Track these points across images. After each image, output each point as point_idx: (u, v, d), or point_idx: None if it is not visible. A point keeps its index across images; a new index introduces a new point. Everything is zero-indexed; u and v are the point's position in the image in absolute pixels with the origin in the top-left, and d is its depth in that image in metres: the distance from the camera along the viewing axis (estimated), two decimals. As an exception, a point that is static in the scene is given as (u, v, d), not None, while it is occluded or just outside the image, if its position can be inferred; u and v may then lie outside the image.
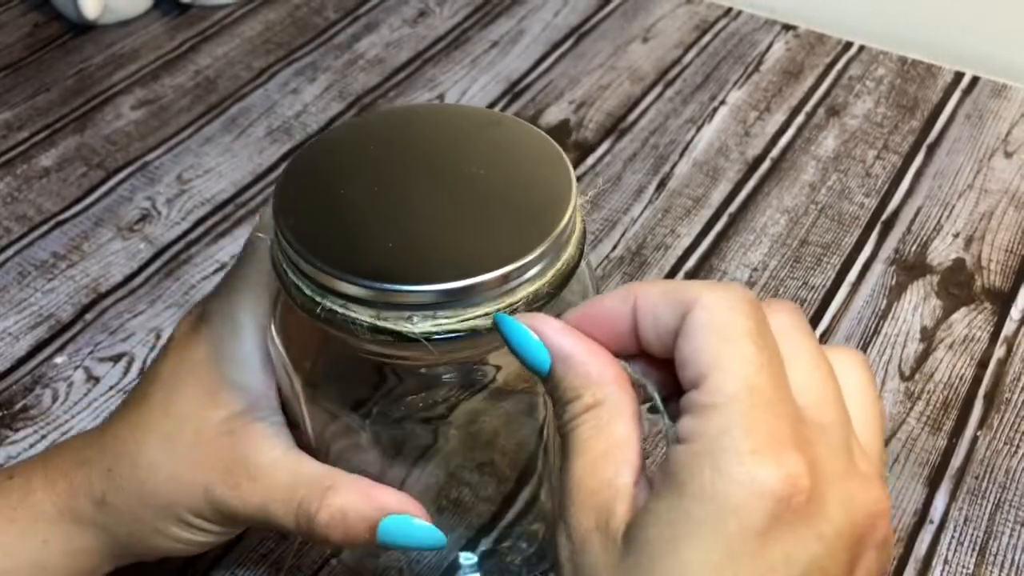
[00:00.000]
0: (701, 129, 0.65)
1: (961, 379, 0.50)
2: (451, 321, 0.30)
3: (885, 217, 0.59)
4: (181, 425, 0.36)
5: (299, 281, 0.31)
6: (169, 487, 0.36)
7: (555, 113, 0.66)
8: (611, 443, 0.28)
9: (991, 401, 0.50)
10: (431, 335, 0.30)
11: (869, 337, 0.52)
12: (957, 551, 0.44)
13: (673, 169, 0.62)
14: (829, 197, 0.60)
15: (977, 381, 0.50)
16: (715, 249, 0.57)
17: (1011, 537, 0.44)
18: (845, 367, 0.29)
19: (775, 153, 0.63)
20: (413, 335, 0.30)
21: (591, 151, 0.64)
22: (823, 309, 0.54)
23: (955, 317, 0.53)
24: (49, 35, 0.74)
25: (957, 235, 0.58)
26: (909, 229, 0.58)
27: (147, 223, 0.60)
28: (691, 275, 0.56)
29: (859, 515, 0.27)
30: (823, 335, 0.53)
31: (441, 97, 0.68)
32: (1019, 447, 0.48)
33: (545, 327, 0.29)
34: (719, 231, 0.58)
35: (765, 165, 0.62)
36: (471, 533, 0.43)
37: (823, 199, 0.60)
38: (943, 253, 0.57)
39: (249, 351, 0.36)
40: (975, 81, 0.68)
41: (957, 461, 0.47)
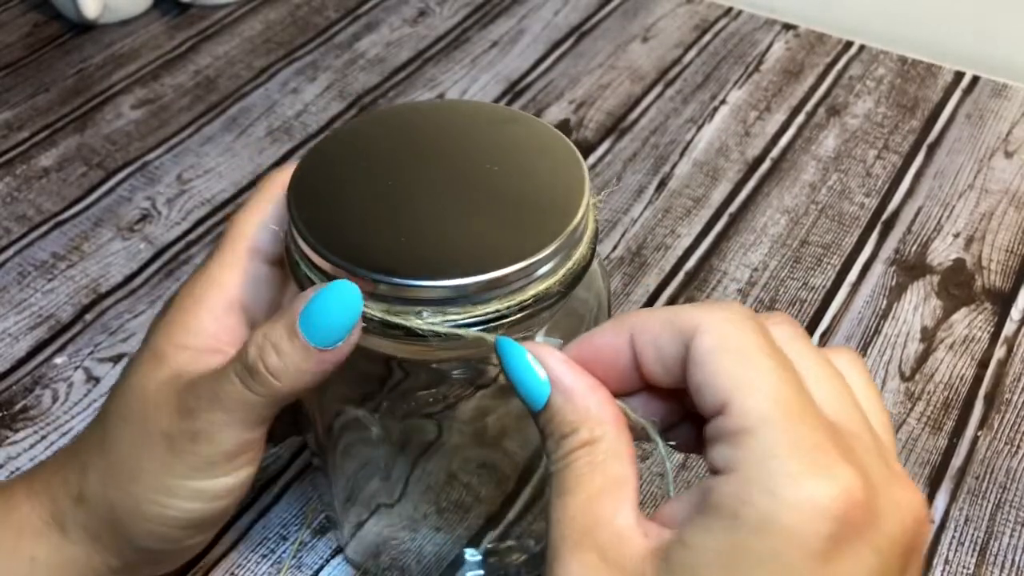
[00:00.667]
0: (701, 129, 0.65)
1: (961, 379, 0.50)
2: (460, 317, 0.30)
3: (885, 217, 0.59)
4: (134, 396, 0.35)
5: (312, 275, 0.32)
6: (133, 454, 0.35)
7: (555, 113, 0.66)
8: (609, 481, 0.27)
9: (991, 401, 0.50)
10: (440, 331, 0.30)
11: (869, 337, 0.52)
12: (958, 551, 0.44)
13: (673, 169, 0.62)
14: (829, 197, 0.60)
15: (978, 381, 0.50)
16: (715, 249, 0.57)
17: (1012, 537, 0.44)
18: (845, 369, 0.28)
19: (775, 153, 0.63)
20: (422, 331, 0.30)
21: (591, 151, 0.64)
22: (823, 309, 0.54)
23: (955, 317, 0.53)
24: (49, 35, 0.74)
25: (957, 235, 0.58)
26: (909, 229, 0.58)
27: (147, 223, 0.60)
28: (691, 275, 0.56)
29: (908, 521, 0.26)
30: (823, 335, 0.53)
31: (441, 96, 0.68)
32: (1020, 447, 0.48)
33: (548, 357, 0.29)
34: (719, 231, 0.58)
35: (765, 165, 0.62)
36: (475, 530, 0.43)
37: (823, 199, 0.60)
38: (943, 253, 0.57)
39: (203, 316, 0.35)
40: (975, 81, 0.68)
41: (958, 461, 0.47)
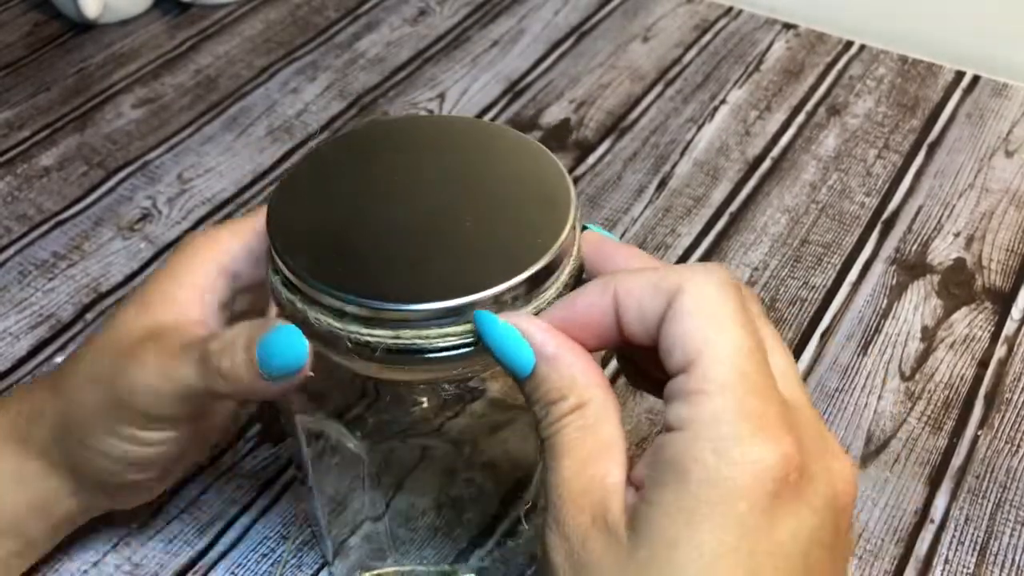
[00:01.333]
0: (701, 128, 0.65)
1: (962, 379, 0.50)
2: (444, 339, 0.30)
3: (886, 216, 0.59)
4: (116, 334, 0.36)
5: (288, 293, 0.31)
6: (87, 387, 0.36)
7: (555, 112, 0.66)
8: (599, 443, 0.28)
9: (992, 401, 0.49)
10: (424, 352, 0.30)
11: (870, 337, 0.52)
12: (958, 551, 0.44)
13: (674, 168, 0.62)
14: (830, 196, 0.60)
15: (978, 381, 0.50)
16: (716, 249, 0.57)
17: (1012, 537, 0.44)
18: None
19: (776, 152, 0.63)
20: (405, 349, 0.30)
21: (591, 150, 0.64)
22: (824, 309, 0.54)
23: (956, 317, 0.53)
24: (49, 34, 0.74)
25: (958, 234, 0.58)
26: (910, 228, 0.58)
27: (148, 222, 0.60)
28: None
29: (839, 485, 0.28)
30: (824, 335, 0.53)
31: (441, 96, 0.68)
32: (1020, 447, 0.48)
33: (529, 326, 0.29)
34: (720, 231, 0.58)
35: (766, 164, 0.62)
36: (462, 545, 0.42)
37: (824, 198, 0.60)
38: (944, 253, 0.57)
39: (193, 276, 0.36)
40: (976, 80, 0.68)
41: (958, 461, 0.47)
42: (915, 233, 0.58)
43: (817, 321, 0.53)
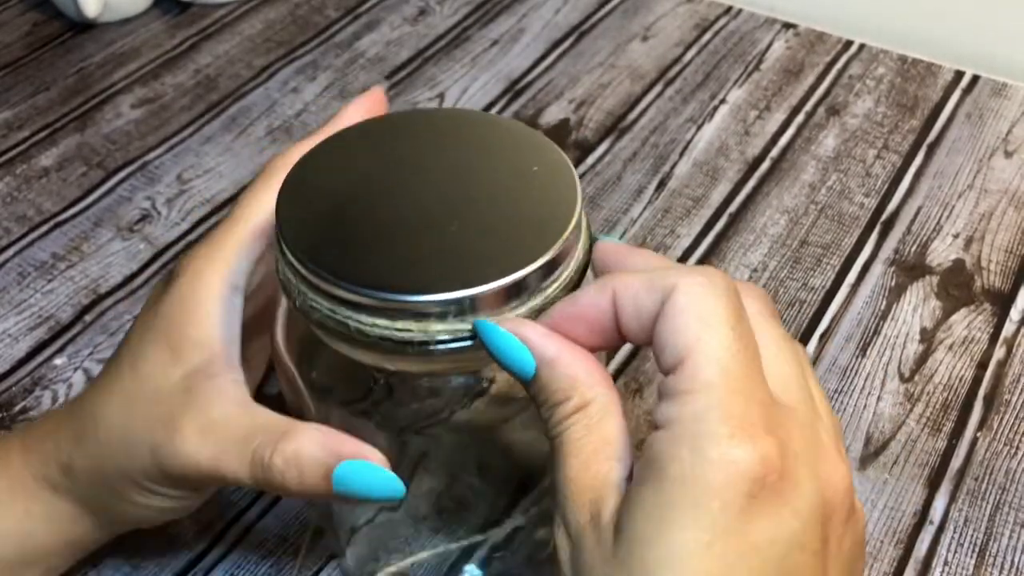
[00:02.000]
0: (701, 128, 0.65)
1: (961, 380, 0.50)
2: (449, 331, 0.30)
3: (885, 217, 0.59)
4: (143, 384, 0.35)
5: (300, 286, 0.31)
6: (121, 449, 0.36)
7: (555, 112, 0.66)
8: (602, 441, 0.29)
9: (991, 402, 0.50)
10: (430, 343, 0.30)
11: (869, 338, 0.52)
12: (957, 552, 0.44)
13: (673, 169, 0.62)
14: (829, 197, 0.60)
15: (977, 382, 0.50)
16: (715, 249, 0.57)
17: (1011, 538, 0.45)
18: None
19: (775, 153, 0.63)
20: (413, 344, 0.30)
21: (591, 150, 0.64)
22: (823, 310, 0.54)
23: (955, 318, 0.53)
24: (49, 34, 0.74)
25: (957, 235, 0.58)
26: (909, 229, 0.58)
27: (147, 223, 0.60)
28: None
29: (828, 491, 0.28)
30: (823, 336, 0.53)
31: (441, 95, 0.68)
32: (1019, 448, 0.48)
33: (529, 332, 0.30)
34: (719, 231, 0.58)
35: (765, 165, 0.62)
36: (468, 540, 0.43)
37: (823, 199, 0.60)
38: (943, 254, 0.57)
39: (210, 307, 0.36)
40: (975, 80, 0.68)
41: (957, 462, 0.47)
42: (914, 234, 0.58)
43: (816, 322, 0.53)
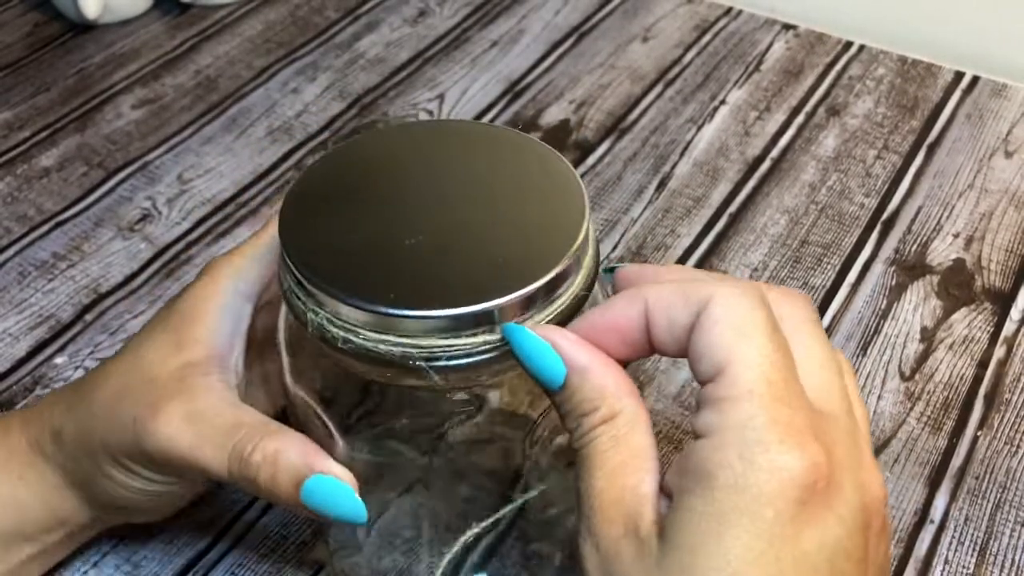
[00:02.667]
0: (701, 129, 0.65)
1: (961, 379, 0.50)
2: (454, 348, 0.30)
3: (885, 217, 0.59)
4: (142, 367, 0.36)
5: (306, 302, 0.31)
6: (107, 421, 0.36)
7: (555, 113, 0.66)
8: (631, 453, 0.28)
9: (991, 401, 0.50)
10: (434, 360, 0.30)
11: (869, 337, 0.52)
12: (957, 551, 0.44)
13: (673, 169, 0.62)
14: (829, 197, 0.60)
15: (977, 381, 0.50)
16: (715, 249, 0.57)
17: (1011, 537, 0.44)
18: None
19: (775, 153, 0.63)
20: (419, 362, 0.30)
21: (591, 151, 0.64)
22: (823, 309, 0.54)
23: (955, 317, 0.53)
24: (49, 34, 0.74)
25: (957, 235, 0.58)
26: (909, 229, 0.58)
27: (147, 223, 0.60)
28: (691, 275, 0.56)
29: (868, 498, 0.28)
30: (823, 335, 0.53)
31: (441, 96, 0.68)
32: (1019, 447, 0.48)
33: (560, 339, 0.29)
34: (719, 231, 0.58)
35: (765, 165, 0.62)
36: (462, 550, 0.42)
37: (823, 199, 0.60)
38: (943, 253, 0.57)
39: (217, 310, 0.37)
40: (975, 81, 0.68)
41: (957, 461, 0.47)
42: (914, 234, 0.58)
43: (817, 321, 0.53)
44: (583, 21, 0.74)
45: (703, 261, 0.57)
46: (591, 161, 0.63)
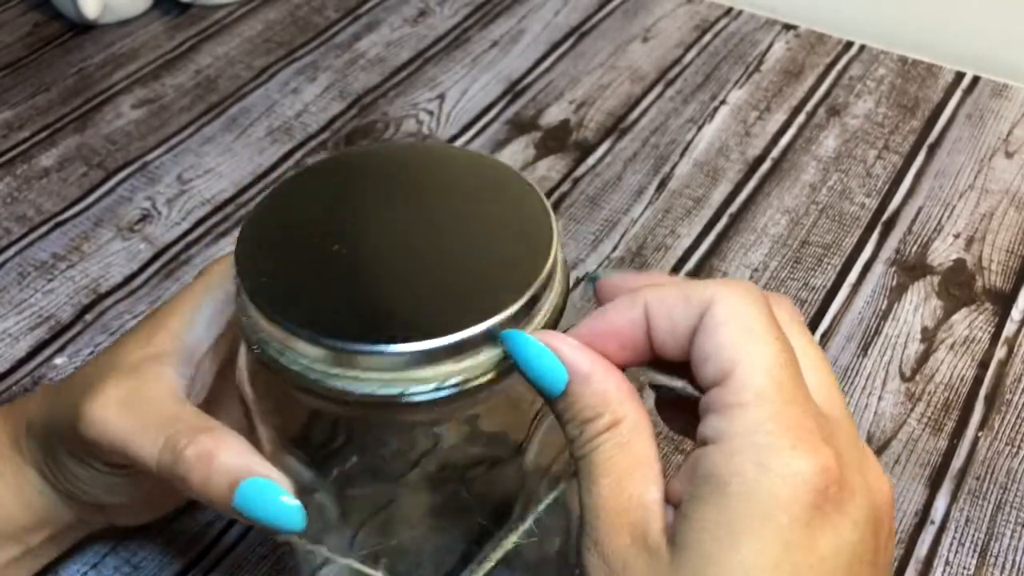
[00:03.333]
0: (701, 129, 0.65)
1: (962, 380, 0.50)
2: (420, 383, 0.29)
3: (886, 217, 0.59)
4: (112, 356, 0.36)
5: (261, 337, 0.30)
6: (58, 404, 0.36)
7: (555, 113, 0.66)
8: (635, 460, 0.28)
9: (992, 402, 0.49)
10: (399, 396, 0.29)
11: (870, 338, 0.52)
12: (958, 552, 0.44)
13: (673, 169, 0.62)
14: (830, 197, 0.60)
15: (978, 382, 0.50)
16: (715, 250, 0.57)
17: (1012, 538, 0.44)
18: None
19: (776, 153, 0.63)
20: (378, 393, 0.29)
21: (591, 151, 0.64)
22: (824, 310, 0.54)
23: (956, 318, 0.53)
24: (49, 34, 0.74)
25: (958, 235, 0.58)
26: (910, 229, 0.58)
27: (147, 223, 0.60)
28: (692, 276, 0.56)
29: (877, 500, 0.27)
30: (824, 336, 0.53)
31: (441, 96, 0.68)
32: (1020, 448, 0.48)
33: (561, 344, 0.29)
34: (719, 231, 0.58)
35: (766, 165, 0.62)
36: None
37: (824, 199, 0.60)
38: (944, 254, 0.57)
39: (197, 307, 0.36)
40: (976, 81, 0.68)
41: (958, 462, 0.47)
42: (915, 234, 0.58)
43: (817, 322, 0.53)
44: (583, 21, 0.74)
45: (703, 261, 0.57)
46: (591, 161, 0.63)
